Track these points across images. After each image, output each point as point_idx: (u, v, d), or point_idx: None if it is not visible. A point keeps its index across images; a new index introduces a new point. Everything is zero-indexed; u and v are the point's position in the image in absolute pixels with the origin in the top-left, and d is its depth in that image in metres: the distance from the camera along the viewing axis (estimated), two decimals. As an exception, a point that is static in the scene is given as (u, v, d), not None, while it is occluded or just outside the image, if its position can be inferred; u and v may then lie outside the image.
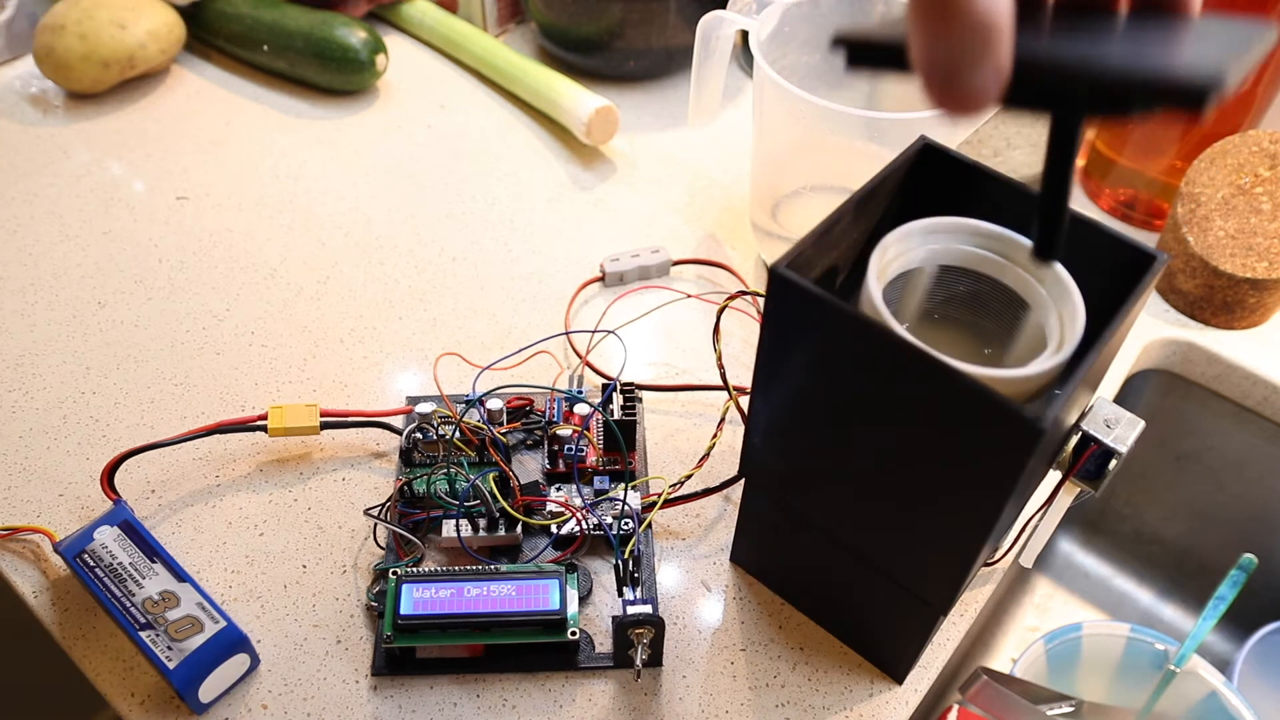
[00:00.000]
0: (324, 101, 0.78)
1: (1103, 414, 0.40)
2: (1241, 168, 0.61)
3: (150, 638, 0.43)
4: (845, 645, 0.48)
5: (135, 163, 0.71)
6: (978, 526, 0.35)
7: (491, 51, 0.78)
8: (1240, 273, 0.60)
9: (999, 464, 0.33)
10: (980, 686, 0.51)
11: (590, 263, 0.65)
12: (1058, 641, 0.61)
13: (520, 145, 0.75)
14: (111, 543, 0.46)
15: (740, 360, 0.60)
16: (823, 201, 0.60)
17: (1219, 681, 0.59)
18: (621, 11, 0.74)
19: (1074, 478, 0.41)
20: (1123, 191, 0.70)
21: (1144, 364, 0.65)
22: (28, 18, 0.78)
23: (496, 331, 0.61)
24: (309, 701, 0.45)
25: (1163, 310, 0.65)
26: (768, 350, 0.38)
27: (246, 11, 0.77)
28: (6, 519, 0.51)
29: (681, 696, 0.45)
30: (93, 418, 0.55)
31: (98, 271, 0.64)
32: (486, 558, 0.49)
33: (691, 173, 0.73)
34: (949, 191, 0.40)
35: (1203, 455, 0.70)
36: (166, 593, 0.44)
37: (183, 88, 0.78)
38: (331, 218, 0.68)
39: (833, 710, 0.45)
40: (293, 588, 0.49)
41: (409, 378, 0.58)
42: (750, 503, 0.47)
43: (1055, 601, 0.80)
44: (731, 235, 0.68)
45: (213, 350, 0.59)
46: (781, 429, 0.40)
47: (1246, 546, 0.71)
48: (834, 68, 0.62)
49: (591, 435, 0.53)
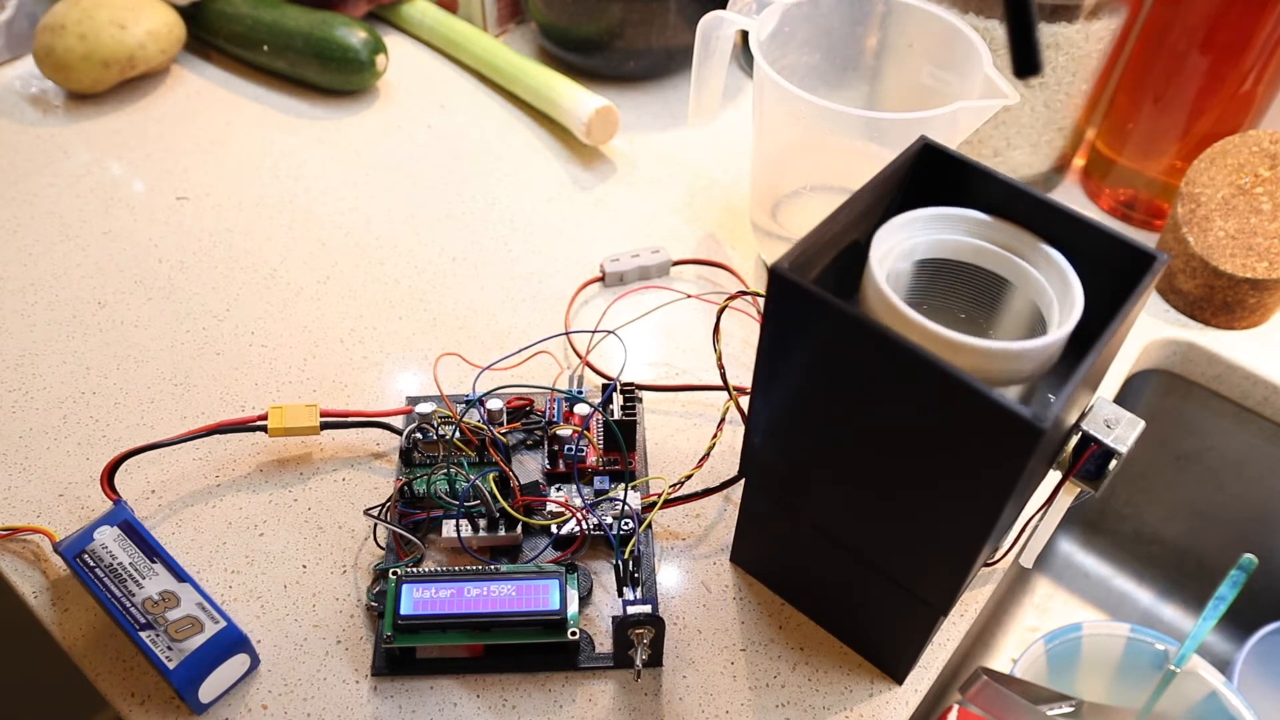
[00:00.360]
0: (324, 101, 0.78)
1: (1103, 414, 0.40)
2: (1241, 168, 0.61)
3: (150, 638, 0.43)
4: (845, 645, 0.48)
5: (135, 163, 0.71)
6: (978, 526, 0.35)
7: (491, 51, 0.78)
8: (1240, 273, 0.60)
9: (999, 464, 0.33)
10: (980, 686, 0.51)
11: (590, 263, 0.65)
12: (1058, 641, 0.61)
13: (520, 145, 0.75)
14: (111, 543, 0.46)
15: (740, 360, 0.60)
16: (823, 201, 0.60)
17: (1219, 681, 0.59)
18: (621, 11, 0.74)
19: (1074, 478, 0.41)
20: (1123, 191, 0.70)
21: (1144, 364, 0.65)
22: (28, 18, 0.78)
23: (496, 331, 0.61)
24: (309, 701, 0.45)
25: (1163, 310, 0.65)
26: (768, 350, 0.38)
27: (246, 11, 0.77)
28: (6, 519, 0.51)
29: (681, 696, 0.45)
30: (93, 418, 0.55)
31: (98, 271, 0.64)
32: (486, 558, 0.49)
33: (691, 173, 0.73)
34: (949, 191, 0.40)
35: (1203, 455, 0.70)
36: (166, 593, 0.44)
37: (183, 88, 0.78)
38: (331, 218, 0.68)
39: (833, 710, 0.45)
40: (293, 588, 0.49)
41: (409, 378, 0.58)
42: (750, 503, 0.47)
43: (1055, 601, 0.80)
44: (731, 235, 0.68)
45: (213, 350, 0.59)
46: (782, 429, 0.40)
47: (1246, 546, 0.71)
48: (834, 67, 0.62)
49: (591, 435, 0.53)
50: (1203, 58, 0.62)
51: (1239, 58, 0.61)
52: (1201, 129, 0.64)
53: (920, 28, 0.58)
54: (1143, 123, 0.66)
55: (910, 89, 0.60)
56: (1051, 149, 0.68)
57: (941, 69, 0.57)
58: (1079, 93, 0.65)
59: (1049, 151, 0.68)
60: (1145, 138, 0.67)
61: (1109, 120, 0.69)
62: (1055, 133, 0.67)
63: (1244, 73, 0.61)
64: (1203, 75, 0.62)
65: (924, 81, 0.59)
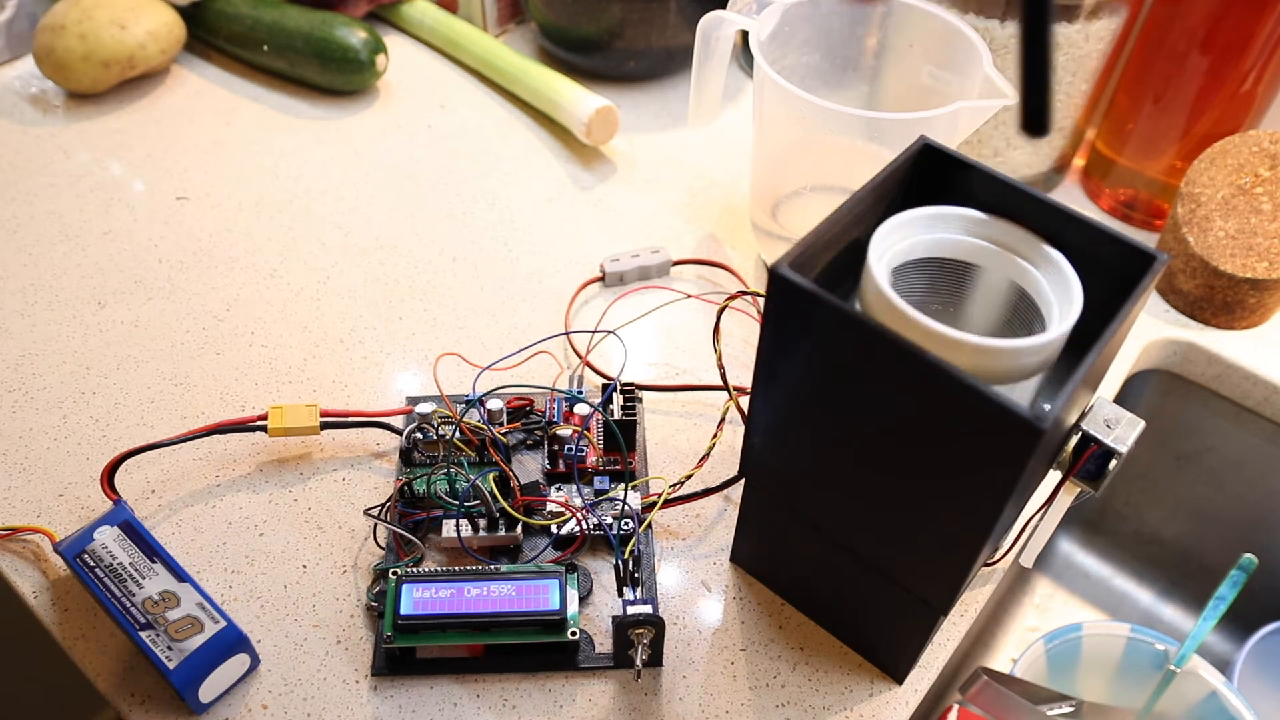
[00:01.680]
0: (324, 101, 0.78)
1: (1103, 414, 0.40)
2: (1241, 168, 0.61)
3: (150, 638, 0.43)
4: (845, 645, 0.48)
5: (135, 163, 0.71)
6: (978, 527, 0.35)
7: (491, 51, 0.78)
8: (1240, 273, 0.60)
9: (1000, 464, 0.33)
10: (980, 686, 0.51)
11: (590, 263, 0.65)
12: (1058, 641, 0.61)
13: (520, 145, 0.75)
14: (111, 543, 0.46)
15: (740, 360, 0.60)
16: (823, 201, 0.60)
17: (1219, 681, 0.59)
18: (621, 11, 0.74)
19: (1074, 478, 0.41)
20: (1123, 191, 0.70)
21: (1144, 364, 0.65)
22: (28, 18, 0.78)
23: (496, 331, 0.61)
24: (309, 701, 0.45)
25: (1163, 310, 0.65)
26: (768, 350, 0.38)
27: (246, 11, 0.77)
28: (6, 519, 0.51)
29: (681, 696, 0.45)
30: (93, 418, 0.55)
31: (98, 271, 0.63)
32: (486, 558, 0.49)
33: (691, 173, 0.73)
34: (949, 191, 0.40)
35: (1203, 455, 0.70)
36: (166, 593, 0.44)
37: (183, 88, 0.78)
38: (331, 218, 0.68)
39: (833, 710, 0.45)
40: (293, 588, 0.49)
41: (409, 378, 0.58)
42: (750, 503, 0.47)
43: (1055, 601, 0.80)
44: (731, 235, 0.68)
45: (213, 350, 0.59)
46: (782, 429, 0.40)
47: (1246, 546, 0.71)
48: (834, 67, 0.62)
49: (591, 435, 0.53)
50: (1203, 58, 0.62)
51: (1239, 58, 0.61)
52: (1201, 129, 0.64)
53: (920, 28, 0.58)
54: (1143, 123, 0.66)
55: (910, 89, 0.60)
56: (1051, 149, 0.68)
57: (941, 69, 0.57)
58: (1079, 93, 0.65)
59: (1049, 151, 0.69)
60: (1145, 138, 0.67)
61: (1109, 120, 0.69)
62: (1055, 133, 0.67)
63: (1244, 73, 0.61)
64: (1203, 75, 0.62)
65: (924, 81, 0.59)
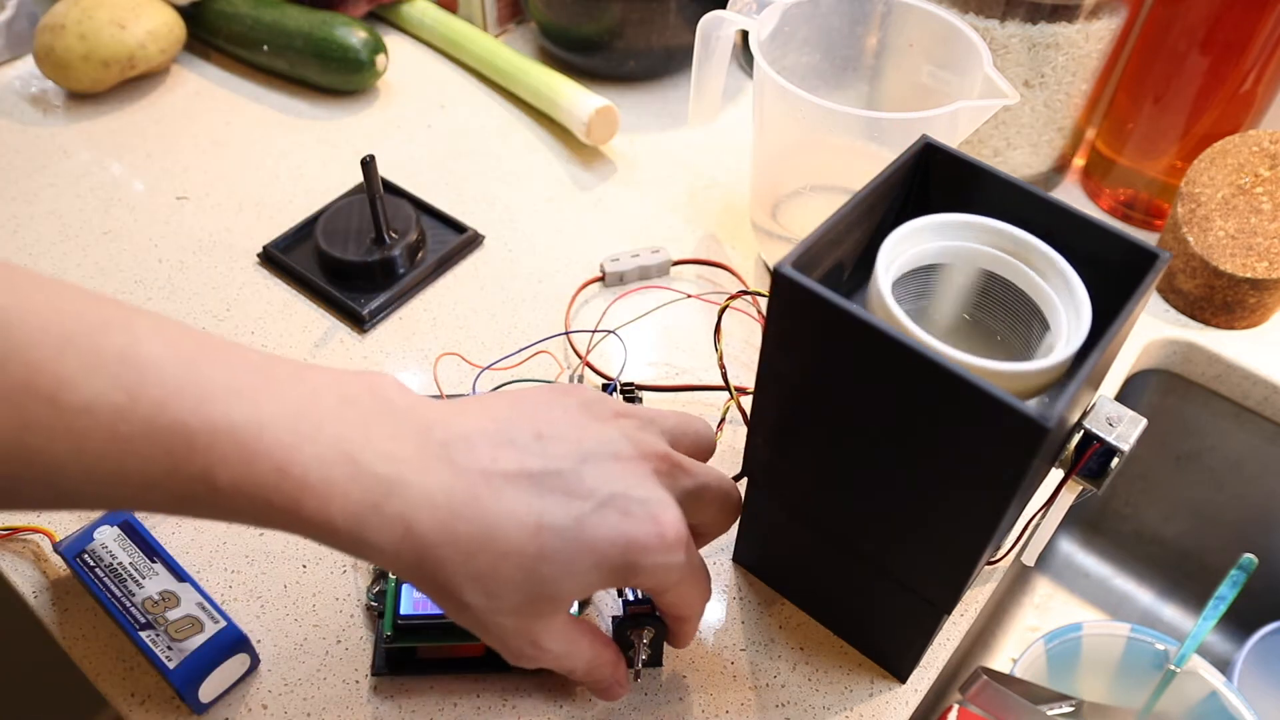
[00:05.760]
0: (324, 101, 0.78)
1: (1105, 412, 0.40)
2: (1241, 168, 0.61)
3: (150, 638, 0.43)
4: (846, 645, 0.47)
5: (135, 163, 0.71)
6: (981, 526, 0.35)
7: (491, 51, 0.78)
8: (1240, 273, 0.60)
9: (1003, 463, 0.33)
10: (980, 686, 0.51)
11: (590, 263, 0.65)
12: (1058, 641, 0.61)
13: (520, 145, 0.75)
14: (111, 543, 0.46)
15: (740, 360, 0.60)
16: (823, 201, 0.60)
17: (1219, 681, 0.59)
18: (621, 11, 0.74)
19: (1076, 476, 0.41)
20: (1123, 191, 0.70)
21: (1144, 364, 0.65)
22: (28, 18, 0.78)
23: (496, 331, 0.61)
24: (309, 701, 0.45)
25: (1163, 310, 0.65)
26: (770, 350, 0.38)
27: (246, 11, 0.77)
28: (6, 519, 0.51)
29: (681, 696, 0.45)
30: (92, 418, 0.55)
31: (98, 271, 0.63)
32: (487, 558, 0.49)
33: (691, 173, 0.73)
34: (950, 191, 0.40)
35: (1203, 455, 0.70)
36: (166, 593, 0.44)
37: (183, 88, 0.78)
38: (331, 218, 0.68)
39: (833, 710, 0.45)
40: (293, 588, 0.48)
41: (409, 378, 0.58)
42: (752, 502, 0.47)
43: (1055, 601, 0.80)
44: (731, 235, 0.68)
45: (213, 350, 0.59)
46: (784, 429, 0.40)
47: (1246, 546, 0.71)
48: (834, 67, 0.62)
49: (592, 435, 0.53)
50: (1203, 58, 0.62)
51: (1239, 58, 0.61)
52: (1201, 129, 0.64)
53: (920, 28, 0.58)
54: (1143, 123, 0.66)
55: (910, 89, 0.60)
56: (1051, 149, 0.68)
57: (941, 69, 0.57)
58: (1079, 93, 0.65)
59: (1049, 151, 0.69)
60: (1145, 138, 0.67)
61: (1109, 120, 0.69)
62: (1055, 133, 0.67)
63: (1244, 73, 0.61)
64: (1203, 75, 0.62)
65: (924, 81, 0.59)
